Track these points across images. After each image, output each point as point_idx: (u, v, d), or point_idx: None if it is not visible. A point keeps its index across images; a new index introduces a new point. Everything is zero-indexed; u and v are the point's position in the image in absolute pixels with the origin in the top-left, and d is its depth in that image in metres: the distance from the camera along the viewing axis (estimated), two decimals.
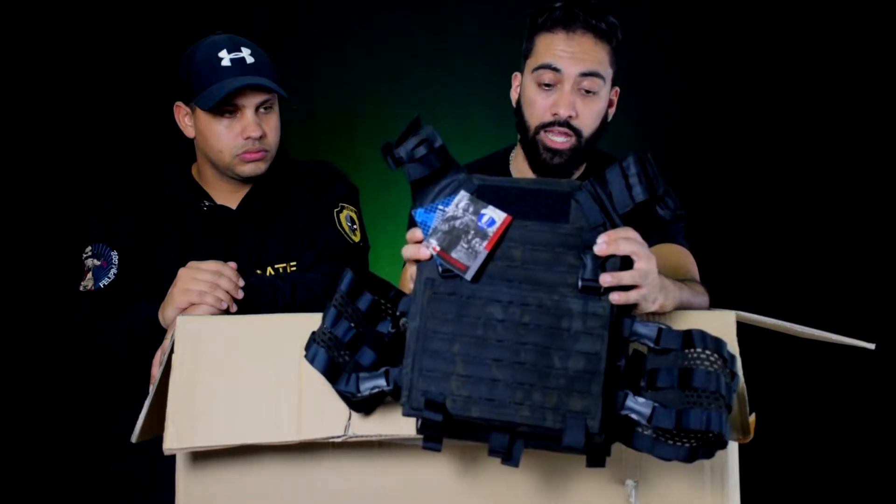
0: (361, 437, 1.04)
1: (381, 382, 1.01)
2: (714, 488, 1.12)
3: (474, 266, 1.03)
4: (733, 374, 1.01)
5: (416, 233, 1.08)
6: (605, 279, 1.03)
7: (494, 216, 1.07)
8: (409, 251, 1.09)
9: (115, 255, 1.64)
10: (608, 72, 1.55)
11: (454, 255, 1.05)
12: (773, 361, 2.41)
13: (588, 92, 1.53)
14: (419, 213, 1.09)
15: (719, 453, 1.12)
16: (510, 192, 1.08)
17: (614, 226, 1.06)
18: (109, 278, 1.62)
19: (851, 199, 2.84)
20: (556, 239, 1.05)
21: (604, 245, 1.04)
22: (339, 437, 1.05)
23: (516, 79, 1.66)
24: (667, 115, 2.92)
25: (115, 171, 2.65)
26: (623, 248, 1.05)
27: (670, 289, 1.13)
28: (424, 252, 1.06)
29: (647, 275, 1.07)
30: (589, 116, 1.54)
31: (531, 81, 1.56)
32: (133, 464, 1.66)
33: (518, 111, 1.62)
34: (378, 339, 1.07)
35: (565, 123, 1.53)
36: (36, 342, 2.59)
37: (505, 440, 1.00)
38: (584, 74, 1.52)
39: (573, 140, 1.54)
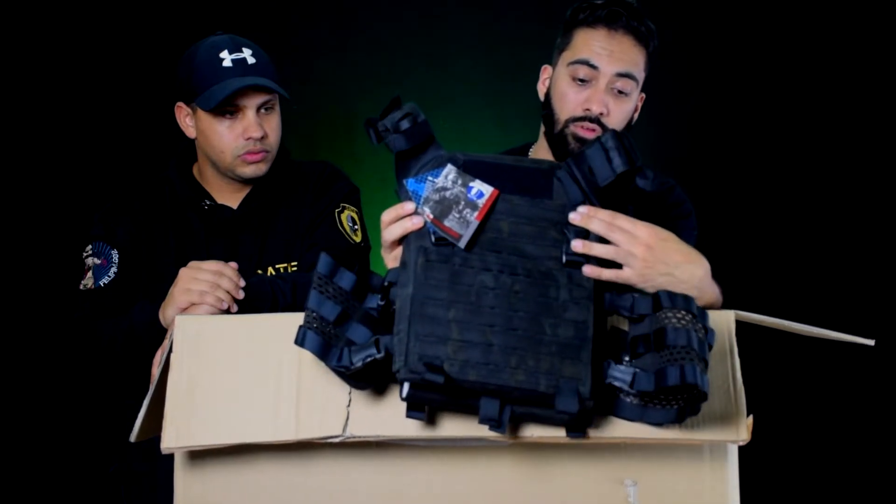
0: (359, 437, 1.04)
1: (373, 351, 1.01)
2: (714, 488, 1.12)
3: (467, 234, 1.06)
4: (706, 329, 1.03)
5: (407, 206, 1.10)
6: (576, 245, 1.07)
7: (483, 189, 1.10)
8: (398, 226, 1.10)
9: (115, 254, 1.64)
10: (641, 75, 1.55)
11: (447, 223, 1.07)
12: (773, 361, 2.41)
13: (621, 92, 1.52)
14: (410, 183, 1.11)
15: (719, 453, 1.12)
16: (494, 168, 1.11)
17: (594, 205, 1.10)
18: (109, 277, 1.62)
19: (851, 198, 2.84)
20: (540, 214, 1.09)
21: (578, 216, 1.09)
22: (337, 437, 1.04)
23: (545, 71, 1.64)
24: (668, 115, 2.92)
25: (115, 171, 2.65)
26: (595, 227, 1.09)
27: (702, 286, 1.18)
28: (417, 220, 1.08)
29: (628, 256, 1.10)
30: (618, 116, 1.54)
31: (565, 75, 1.55)
32: (133, 463, 1.66)
33: (547, 103, 1.60)
34: (367, 314, 1.08)
35: (596, 120, 1.52)
36: (36, 342, 2.59)
37: (496, 407, 1.01)
38: (620, 75, 1.51)
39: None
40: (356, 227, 1.73)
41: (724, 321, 1.10)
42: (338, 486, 1.11)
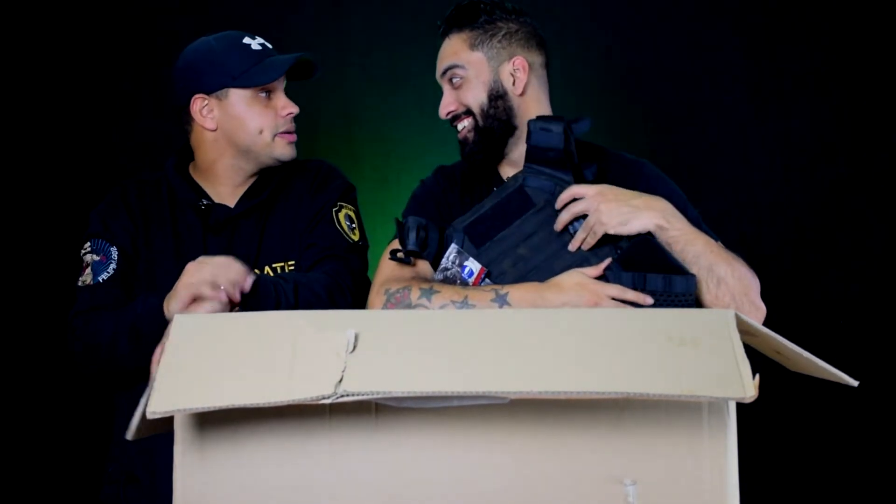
0: (354, 394, 1.00)
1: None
2: (714, 488, 1.12)
3: None
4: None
5: None
6: (571, 248, 1.44)
7: (473, 268, 1.40)
8: None
9: (114, 251, 1.64)
10: (469, 56, 1.62)
11: None
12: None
13: (455, 81, 1.64)
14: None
15: (719, 452, 1.12)
16: (486, 217, 1.44)
17: (560, 182, 1.44)
18: (108, 273, 1.62)
19: (851, 197, 2.84)
20: (535, 226, 1.43)
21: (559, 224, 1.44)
22: (329, 396, 1.01)
23: None
24: (667, 115, 2.92)
25: (114, 171, 2.65)
26: (575, 210, 1.42)
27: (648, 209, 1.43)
28: None
29: (592, 213, 1.41)
30: (466, 100, 1.62)
31: None
32: (132, 464, 1.65)
33: None
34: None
35: (454, 119, 1.65)
36: (36, 341, 2.59)
37: None
38: (443, 73, 1.65)
39: (469, 121, 1.63)
40: (353, 225, 1.73)
41: (725, 320, 1.10)
42: (338, 484, 1.10)
